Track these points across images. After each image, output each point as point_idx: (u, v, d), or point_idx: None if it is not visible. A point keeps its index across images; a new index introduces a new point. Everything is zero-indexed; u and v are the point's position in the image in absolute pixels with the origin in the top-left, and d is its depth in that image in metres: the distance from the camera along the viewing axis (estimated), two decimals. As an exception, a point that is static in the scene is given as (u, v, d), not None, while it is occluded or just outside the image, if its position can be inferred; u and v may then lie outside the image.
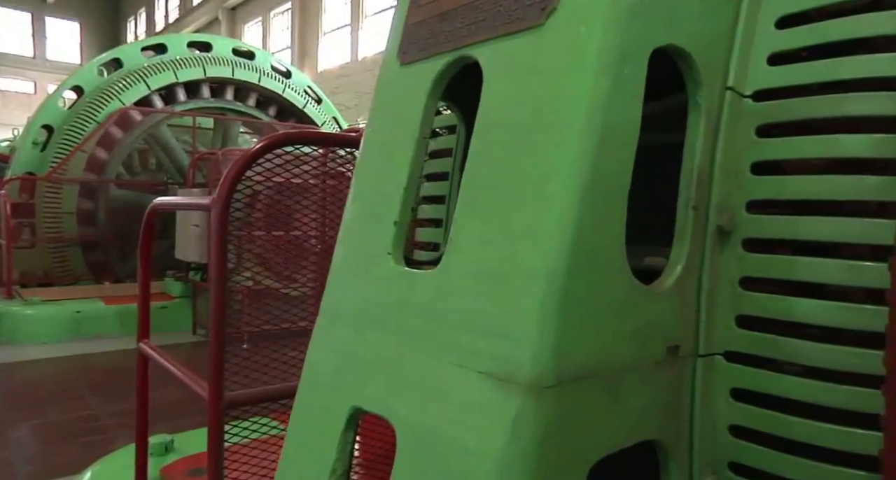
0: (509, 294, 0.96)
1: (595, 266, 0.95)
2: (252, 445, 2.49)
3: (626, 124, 0.98)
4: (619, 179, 0.97)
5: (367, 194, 1.37)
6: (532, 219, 0.96)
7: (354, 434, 1.23)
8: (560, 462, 0.93)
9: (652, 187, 1.48)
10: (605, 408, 0.99)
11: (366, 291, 1.28)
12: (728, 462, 1.15)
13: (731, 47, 1.14)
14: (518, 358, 0.92)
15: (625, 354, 1.01)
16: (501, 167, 1.04)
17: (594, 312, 0.96)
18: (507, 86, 1.08)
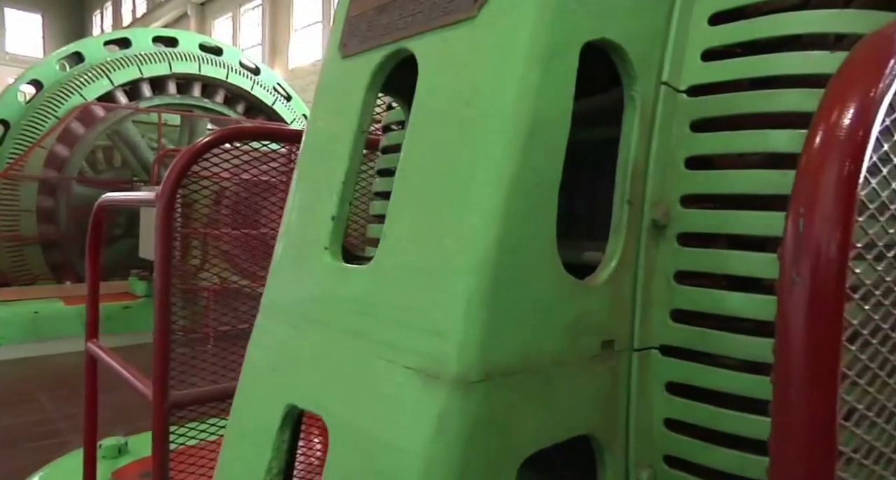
0: (436, 288, 0.95)
1: (524, 260, 0.95)
2: (205, 446, 2.44)
3: (557, 117, 0.97)
4: (549, 172, 0.97)
5: (306, 188, 1.35)
6: (459, 213, 0.95)
7: (293, 433, 1.21)
8: (489, 458, 0.92)
9: (598, 183, 1.48)
10: (537, 403, 0.98)
11: (303, 287, 1.26)
12: (663, 455, 1.15)
13: (666, 42, 1.14)
14: (444, 354, 0.91)
15: (557, 349, 1.00)
16: (432, 160, 1.03)
17: (523, 306, 0.95)
18: (439, 78, 1.07)
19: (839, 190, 0.52)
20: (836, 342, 0.51)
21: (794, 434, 0.53)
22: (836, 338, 0.51)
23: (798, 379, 0.52)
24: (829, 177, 0.53)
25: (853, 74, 0.59)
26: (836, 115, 0.56)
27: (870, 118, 0.55)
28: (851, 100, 0.56)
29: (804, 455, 0.53)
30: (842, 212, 0.51)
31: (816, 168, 0.54)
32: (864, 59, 0.59)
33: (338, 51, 1.36)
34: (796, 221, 0.53)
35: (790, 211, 0.54)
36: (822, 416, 0.52)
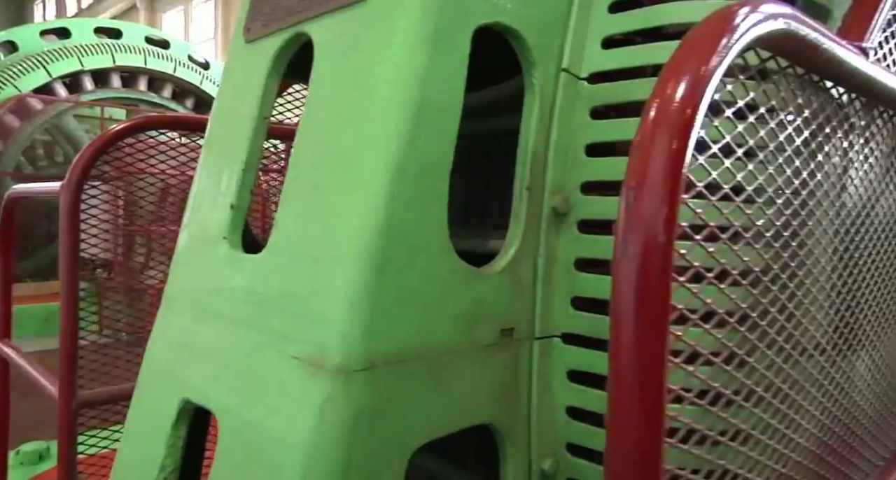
0: (320, 276, 0.92)
1: (412, 246, 0.93)
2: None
3: (446, 101, 0.96)
4: (437, 157, 0.95)
5: (208, 177, 1.30)
6: (343, 198, 0.92)
7: (195, 429, 1.17)
8: (375, 449, 0.90)
9: (509, 172, 1.47)
10: (428, 392, 0.97)
11: (202, 277, 1.22)
12: (566, 443, 1.15)
13: (566, 29, 1.13)
14: (327, 343, 0.89)
15: (450, 337, 0.99)
16: (323, 145, 1.00)
17: (412, 294, 0.93)
18: (333, 62, 1.04)
19: (667, 166, 0.52)
20: (663, 318, 0.51)
21: (624, 410, 0.53)
22: (664, 314, 0.51)
23: (627, 354, 0.51)
24: (658, 153, 0.52)
25: (687, 51, 0.58)
26: (667, 92, 0.55)
27: (698, 95, 0.55)
28: (683, 76, 0.55)
29: (635, 430, 0.53)
30: (668, 189, 0.51)
31: (646, 144, 0.54)
32: (700, 36, 0.59)
33: (242, 35, 1.32)
34: (627, 197, 0.52)
35: (623, 186, 0.53)
36: (650, 393, 0.52)
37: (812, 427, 0.96)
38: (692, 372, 0.70)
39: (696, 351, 0.69)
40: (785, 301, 0.86)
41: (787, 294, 0.87)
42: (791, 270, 0.87)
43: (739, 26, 0.59)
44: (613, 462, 0.53)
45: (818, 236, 0.92)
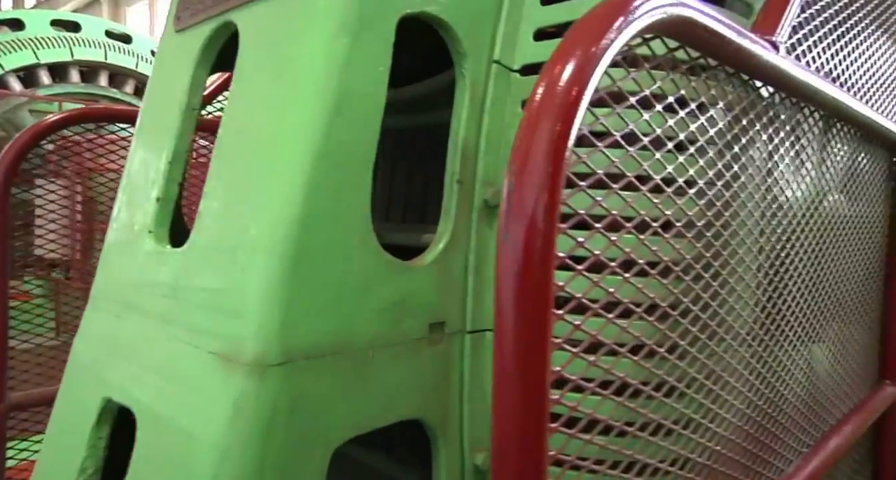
0: (238, 268, 0.90)
1: (331, 238, 0.91)
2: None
3: (368, 91, 0.94)
4: (359, 148, 0.93)
5: (137, 169, 1.26)
6: (262, 190, 0.90)
7: (111, 429, 1.13)
8: (293, 445, 0.88)
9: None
10: (351, 387, 0.95)
11: (127, 273, 1.18)
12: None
13: (498, 21, 1.13)
14: (242, 336, 0.87)
15: (374, 330, 0.97)
16: (244, 136, 0.98)
17: (332, 286, 0.91)
18: (256, 51, 1.02)
19: (548, 150, 0.51)
20: (544, 304, 0.50)
21: (507, 396, 0.52)
22: (545, 300, 0.50)
23: (508, 340, 0.50)
24: (541, 136, 0.52)
25: (578, 33, 0.58)
26: (554, 73, 0.55)
27: (585, 76, 0.54)
28: (571, 57, 0.55)
29: (518, 417, 0.52)
30: (549, 174, 0.50)
31: (529, 127, 0.53)
32: (592, 18, 0.59)
33: (172, 24, 1.29)
34: (508, 181, 0.51)
35: (508, 168, 0.53)
36: (532, 378, 0.51)
37: (730, 416, 0.97)
38: (593, 362, 0.70)
39: (599, 341, 0.68)
40: (697, 292, 0.87)
41: (700, 285, 0.87)
42: (704, 261, 0.87)
43: (634, 10, 0.59)
44: (498, 449, 0.52)
45: (736, 228, 0.93)
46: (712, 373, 0.89)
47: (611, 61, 0.59)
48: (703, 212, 0.84)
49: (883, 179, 1.77)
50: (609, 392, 0.71)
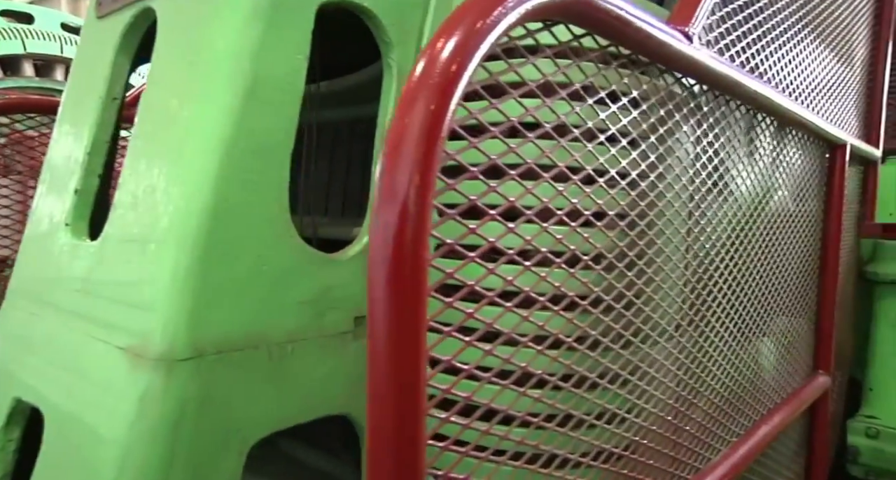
0: (147, 261, 0.87)
1: (245, 230, 0.89)
2: None
3: (283, 79, 0.92)
4: (275, 136, 0.91)
5: (56, 161, 1.22)
6: (172, 179, 0.87)
7: (23, 431, 1.09)
8: (205, 442, 0.86)
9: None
10: (269, 382, 0.93)
11: (44, 268, 1.14)
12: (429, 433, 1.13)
13: (427, 10, 1.11)
14: (150, 331, 0.84)
15: (294, 324, 0.95)
16: (157, 125, 0.95)
17: (246, 279, 0.89)
18: (172, 36, 0.99)
19: (423, 128, 0.50)
20: (417, 291, 0.49)
21: (380, 386, 0.51)
22: (418, 287, 0.49)
23: (381, 329, 0.49)
24: (417, 113, 0.50)
25: (465, 8, 0.57)
26: (436, 48, 0.53)
27: (468, 52, 0.53)
28: (454, 32, 0.53)
29: (392, 409, 0.51)
30: (423, 154, 0.49)
31: (406, 103, 0.51)
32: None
33: (94, 10, 1.24)
34: (382, 161, 0.50)
35: (383, 149, 0.51)
36: (405, 368, 0.50)
37: (652, 406, 0.98)
38: (489, 351, 0.70)
39: (497, 330, 0.68)
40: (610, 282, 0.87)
41: (613, 276, 0.87)
42: (616, 252, 0.87)
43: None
44: (372, 437, 0.51)
45: (653, 220, 0.93)
46: (628, 365, 0.90)
47: (502, 42, 0.58)
48: (617, 203, 0.84)
49: (816, 176, 1.82)
50: (509, 381, 0.71)
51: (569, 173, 0.75)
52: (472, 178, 0.63)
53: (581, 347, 0.80)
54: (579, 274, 0.77)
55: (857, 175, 2.32)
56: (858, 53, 2.15)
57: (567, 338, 0.77)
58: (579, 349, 0.80)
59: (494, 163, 0.65)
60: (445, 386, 0.61)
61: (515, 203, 0.67)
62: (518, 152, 0.67)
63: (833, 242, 1.85)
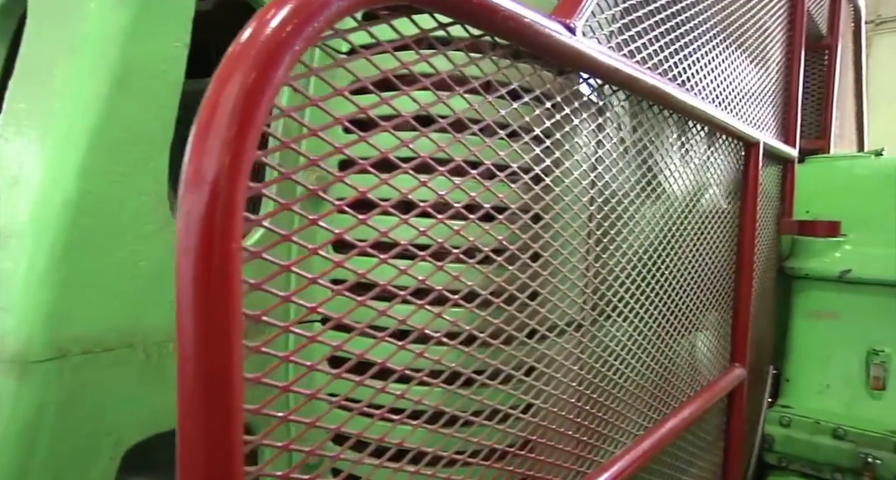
0: (6, 256, 0.82)
1: (116, 223, 0.84)
2: None
3: (159, 66, 0.88)
4: (149, 127, 0.87)
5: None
6: (34, 172, 0.82)
7: None
8: (68, 448, 0.81)
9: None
10: (147, 383, 0.89)
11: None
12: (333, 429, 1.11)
13: (323, 1, 1.09)
14: (6, 330, 0.79)
15: (170, 322, 0.91)
16: (22, 115, 0.89)
17: (118, 275, 0.85)
18: (41, 21, 0.93)
19: (238, 103, 0.47)
20: (226, 289, 0.46)
21: (187, 389, 0.47)
22: (229, 286, 0.46)
23: (188, 322, 0.46)
24: (233, 86, 0.47)
25: None
26: (265, 18, 0.50)
27: (299, 23, 0.50)
28: (286, 4, 0.51)
29: (201, 419, 0.47)
30: (235, 133, 0.46)
31: (223, 76, 0.48)
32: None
33: (-26, -6, 1.17)
34: (191, 141, 0.46)
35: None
36: (214, 369, 0.47)
37: (549, 404, 0.98)
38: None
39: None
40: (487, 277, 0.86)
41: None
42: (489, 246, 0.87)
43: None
44: (182, 432, 0.47)
45: (539, 214, 0.93)
46: (519, 361, 0.89)
47: (337, 23, 0.56)
48: (495, 196, 0.83)
49: (733, 174, 1.87)
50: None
51: (434, 165, 0.74)
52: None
53: (459, 345, 0.78)
54: (449, 268, 0.76)
55: (775, 174, 2.40)
56: (774, 58, 2.22)
57: (435, 334, 0.76)
58: (454, 345, 0.79)
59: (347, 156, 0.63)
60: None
61: (367, 193, 0.66)
62: (371, 143, 0.65)
63: (748, 237, 1.90)
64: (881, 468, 1.79)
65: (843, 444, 1.89)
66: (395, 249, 0.70)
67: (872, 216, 2.26)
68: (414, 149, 0.71)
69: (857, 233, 2.26)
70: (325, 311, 0.62)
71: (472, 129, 0.78)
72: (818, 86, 3.22)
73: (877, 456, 1.81)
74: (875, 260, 2.13)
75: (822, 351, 2.19)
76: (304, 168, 0.59)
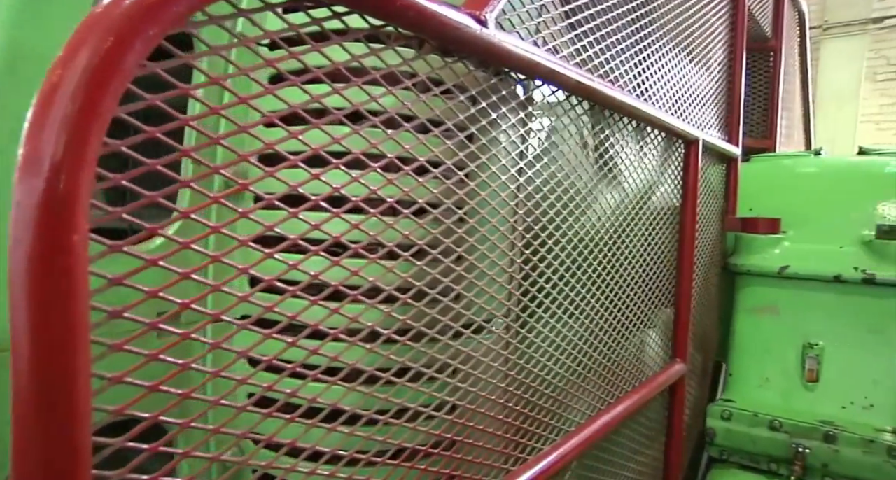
0: None
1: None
2: None
3: (53, 50, 0.84)
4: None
5: None
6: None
7: None
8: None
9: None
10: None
11: None
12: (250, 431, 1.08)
13: (240, -9, 1.06)
14: None
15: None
16: None
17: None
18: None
19: (86, 73, 0.44)
20: (65, 288, 0.42)
21: (21, 393, 0.44)
22: (69, 283, 0.43)
23: (20, 322, 0.43)
24: (79, 56, 0.44)
25: None
26: None
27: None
28: None
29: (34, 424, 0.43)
30: (79, 108, 0.42)
31: (70, 44, 0.45)
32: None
33: None
34: (29, 119, 0.43)
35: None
36: (51, 369, 0.43)
37: (469, 403, 0.97)
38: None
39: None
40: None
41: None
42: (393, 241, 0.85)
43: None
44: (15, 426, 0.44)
45: (452, 208, 0.92)
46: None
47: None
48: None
49: (673, 172, 1.89)
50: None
51: (328, 157, 0.72)
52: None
53: (359, 342, 0.77)
54: (347, 264, 0.75)
55: (719, 172, 2.45)
56: (716, 59, 2.26)
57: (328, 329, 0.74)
58: (353, 341, 0.77)
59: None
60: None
61: (249, 186, 0.63)
62: (251, 133, 0.63)
63: (688, 233, 1.93)
64: (810, 456, 1.83)
65: (778, 435, 1.93)
66: (282, 244, 0.68)
67: (810, 213, 2.31)
68: (304, 140, 0.68)
69: (796, 230, 2.32)
70: (196, 308, 0.59)
71: (371, 121, 0.76)
72: (765, 87, 3.29)
73: (807, 446, 1.85)
74: (812, 256, 2.18)
75: (762, 346, 2.23)
76: (176, 158, 0.56)
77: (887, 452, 1.73)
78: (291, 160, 0.68)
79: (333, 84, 0.72)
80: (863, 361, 1.97)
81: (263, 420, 0.69)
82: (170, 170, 0.57)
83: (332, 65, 0.71)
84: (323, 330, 0.73)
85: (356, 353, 0.78)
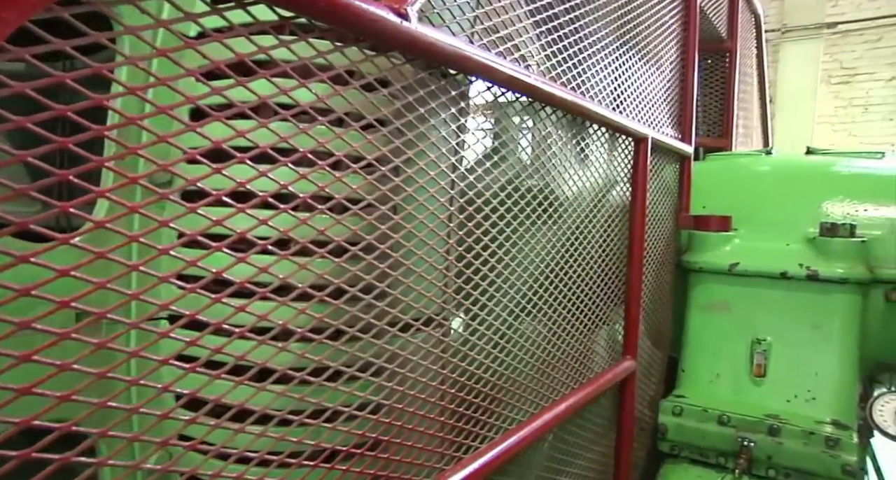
0: None
1: None
2: None
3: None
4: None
5: None
6: None
7: None
8: None
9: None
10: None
11: None
12: (178, 435, 1.05)
13: (165, -18, 1.03)
14: None
15: None
16: None
17: None
18: None
19: None
20: None
21: None
22: None
23: None
24: None
25: None
26: None
27: None
28: None
29: None
30: None
31: None
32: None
33: None
34: None
35: None
36: None
37: (396, 401, 0.95)
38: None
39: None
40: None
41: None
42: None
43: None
44: None
45: (375, 204, 0.91)
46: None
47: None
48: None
49: (622, 170, 1.90)
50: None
51: (232, 152, 0.70)
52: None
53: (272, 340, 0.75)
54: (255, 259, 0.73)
55: (673, 170, 2.47)
56: (668, 58, 2.28)
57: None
58: (262, 338, 0.75)
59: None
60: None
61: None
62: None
63: (638, 231, 1.94)
64: (756, 449, 1.86)
65: (726, 429, 1.96)
66: (180, 240, 0.66)
67: (760, 211, 2.35)
68: (203, 133, 0.66)
69: (747, 228, 2.36)
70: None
71: (282, 115, 0.75)
72: (721, 87, 3.35)
73: (752, 439, 1.88)
74: (760, 253, 2.22)
75: (714, 342, 2.26)
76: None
77: (825, 443, 1.76)
78: (189, 153, 0.66)
79: (238, 77, 0.70)
80: (806, 355, 2.01)
81: (158, 422, 0.67)
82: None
83: (237, 56, 0.69)
84: (228, 327, 0.71)
85: (266, 352, 0.76)
